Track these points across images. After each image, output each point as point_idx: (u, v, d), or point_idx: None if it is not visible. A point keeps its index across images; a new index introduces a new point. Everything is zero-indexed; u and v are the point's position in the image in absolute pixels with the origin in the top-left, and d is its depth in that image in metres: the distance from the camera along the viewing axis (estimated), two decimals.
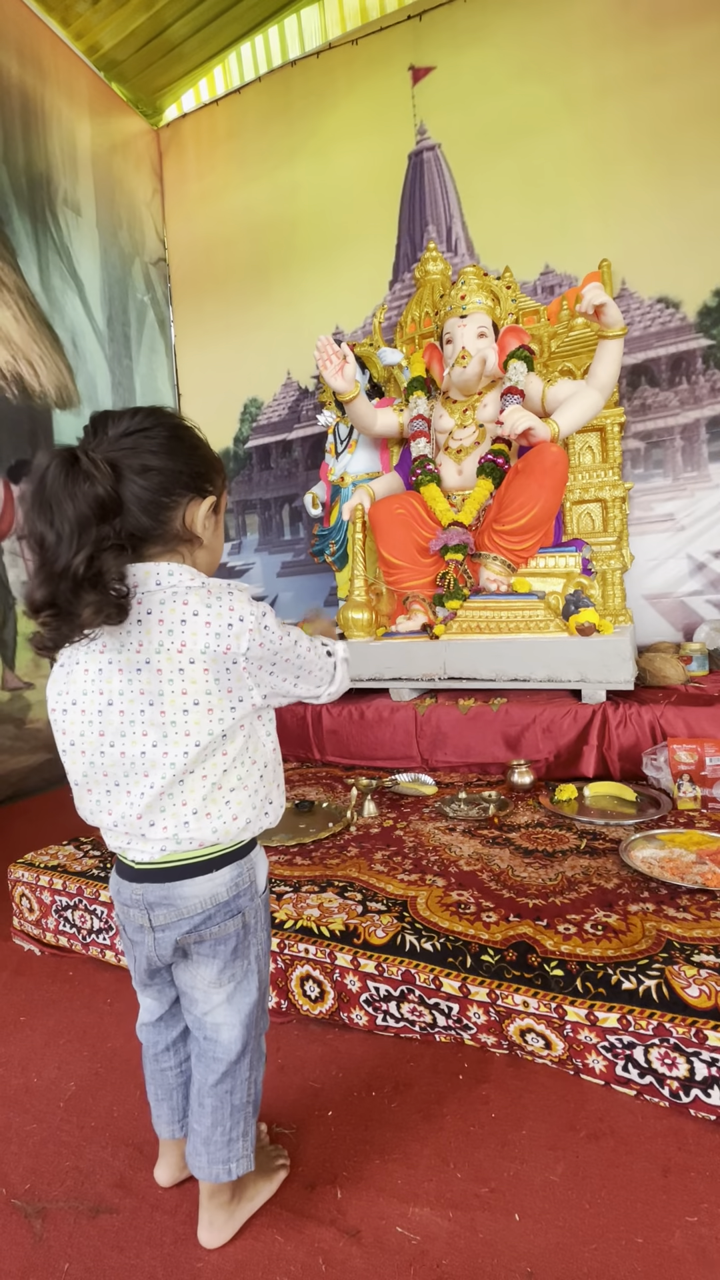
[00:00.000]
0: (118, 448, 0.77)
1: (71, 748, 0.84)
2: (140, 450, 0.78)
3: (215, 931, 0.87)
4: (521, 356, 2.63)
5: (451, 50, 3.50)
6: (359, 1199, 0.98)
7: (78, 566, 0.70)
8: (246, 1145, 0.92)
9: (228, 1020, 0.90)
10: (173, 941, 0.87)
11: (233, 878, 0.87)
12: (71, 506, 0.70)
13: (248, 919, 0.90)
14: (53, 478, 0.70)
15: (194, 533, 0.84)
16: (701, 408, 3.11)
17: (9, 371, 3.25)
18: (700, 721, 2.03)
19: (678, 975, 1.12)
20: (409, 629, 2.60)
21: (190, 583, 0.81)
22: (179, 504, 0.82)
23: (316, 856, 1.71)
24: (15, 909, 1.82)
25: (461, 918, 1.36)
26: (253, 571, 4.28)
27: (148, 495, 0.79)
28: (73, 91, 3.76)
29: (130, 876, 0.87)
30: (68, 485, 0.70)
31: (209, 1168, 0.90)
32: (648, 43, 3.09)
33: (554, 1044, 1.16)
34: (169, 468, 0.80)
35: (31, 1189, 1.04)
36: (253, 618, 0.81)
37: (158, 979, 0.95)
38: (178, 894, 0.85)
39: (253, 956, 0.91)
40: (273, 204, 4.02)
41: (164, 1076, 1.00)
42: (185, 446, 0.83)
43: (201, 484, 0.84)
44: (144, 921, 0.87)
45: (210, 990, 0.90)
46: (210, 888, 0.86)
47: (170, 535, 0.82)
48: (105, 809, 0.85)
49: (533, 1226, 0.92)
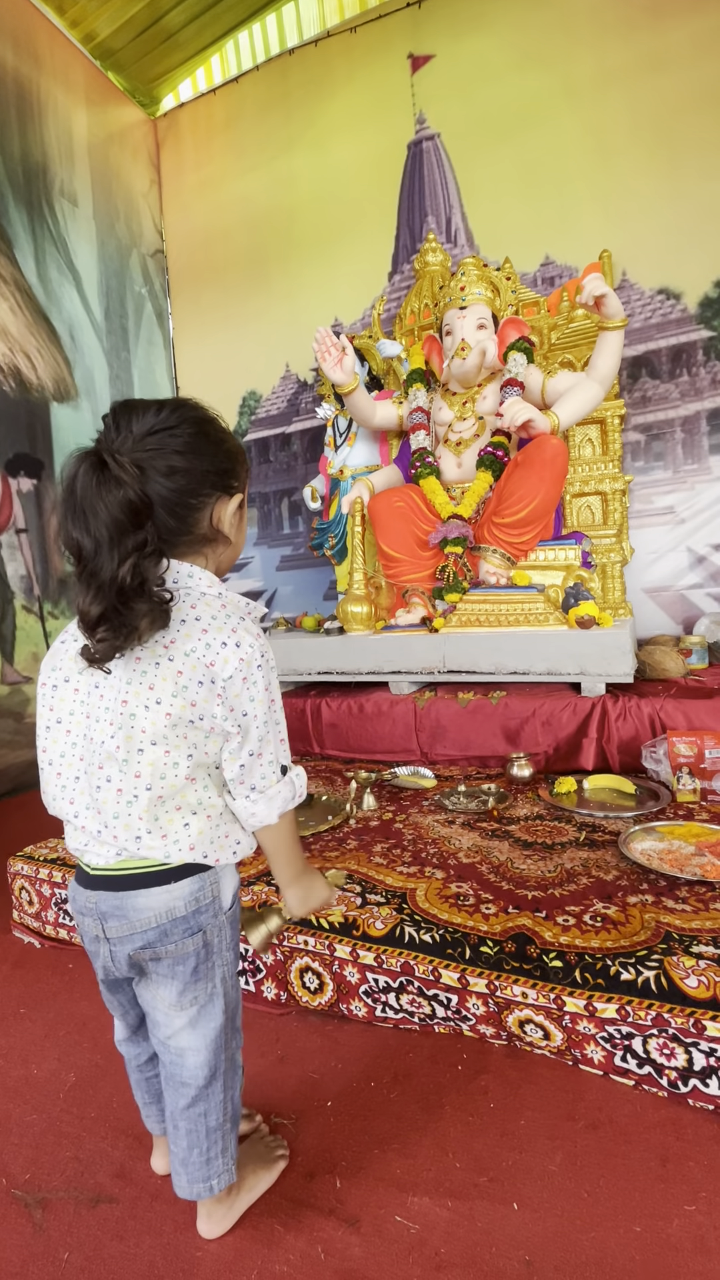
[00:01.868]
0: (143, 448, 0.75)
1: (57, 725, 0.82)
2: (166, 450, 0.76)
3: (172, 950, 0.81)
4: (521, 348, 2.62)
5: (451, 38, 3.47)
6: (358, 1188, 0.98)
7: (124, 576, 0.68)
8: (226, 1161, 0.90)
9: (192, 1045, 0.85)
10: (126, 956, 0.82)
11: (192, 892, 0.81)
12: (106, 512, 0.68)
13: (210, 938, 0.84)
14: (83, 483, 0.68)
15: (221, 531, 0.83)
16: (702, 400, 3.10)
17: (6, 365, 3.23)
18: (699, 714, 2.03)
19: (676, 966, 1.12)
20: (408, 622, 2.60)
21: (206, 590, 0.80)
22: (206, 504, 0.80)
23: (316, 849, 1.71)
24: (15, 902, 1.82)
25: (460, 909, 1.36)
26: (252, 565, 4.28)
27: (174, 497, 0.77)
28: (69, 81, 3.72)
29: (85, 882, 0.83)
30: (99, 490, 0.68)
31: (189, 1187, 0.89)
32: (648, 31, 3.06)
33: (553, 1035, 1.17)
34: (196, 468, 0.78)
35: (32, 1179, 1.04)
36: (250, 649, 0.77)
37: (120, 994, 0.91)
38: (130, 905, 0.80)
39: (218, 979, 0.86)
40: (271, 194, 3.99)
41: (150, 1084, 0.99)
42: (211, 443, 0.80)
43: (228, 481, 0.82)
44: (98, 931, 0.83)
45: (171, 1013, 0.84)
46: (166, 901, 0.80)
47: (197, 536, 0.81)
48: (69, 797, 0.82)
49: (531, 1215, 0.92)
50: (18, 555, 3.23)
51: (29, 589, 3.27)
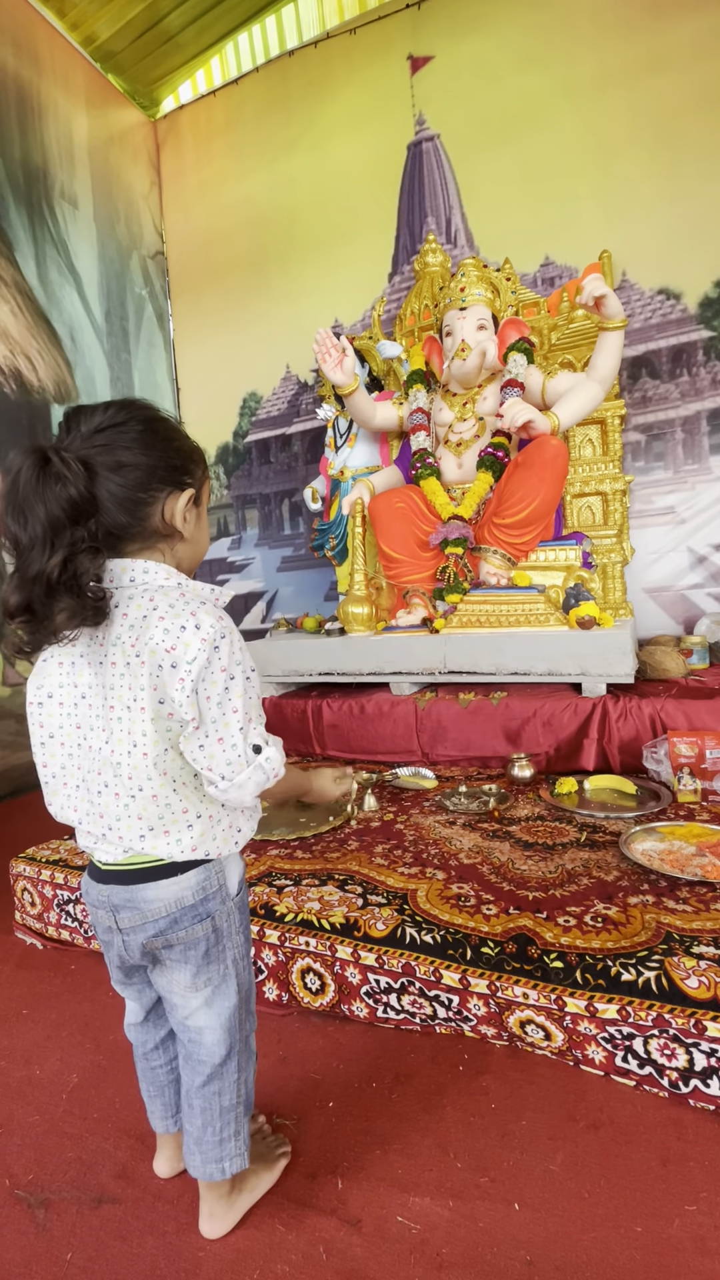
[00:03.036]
0: (90, 445, 0.76)
1: (51, 740, 0.84)
2: (114, 446, 0.77)
3: (183, 936, 0.85)
4: (521, 349, 2.62)
5: (451, 39, 3.47)
6: (360, 1189, 0.98)
7: (52, 570, 0.69)
8: (239, 1144, 0.92)
9: (209, 1024, 0.89)
10: (140, 944, 0.86)
11: (199, 881, 0.85)
12: (43, 508, 0.69)
13: (219, 923, 0.87)
14: (25, 480, 0.70)
15: (174, 527, 0.83)
16: (702, 400, 3.10)
17: (7, 367, 3.24)
18: (700, 714, 2.03)
19: (677, 967, 1.12)
20: (409, 623, 2.60)
21: (164, 582, 0.80)
22: (156, 499, 0.81)
23: (317, 850, 1.71)
24: (17, 903, 1.82)
25: (462, 910, 1.36)
26: (252, 566, 4.28)
27: (123, 492, 0.77)
28: (69, 83, 3.73)
29: (97, 877, 0.87)
30: (39, 487, 0.69)
31: (203, 1167, 0.91)
32: (648, 31, 3.06)
33: (554, 1035, 1.17)
34: (144, 463, 0.78)
35: (34, 1179, 1.04)
36: (210, 630, 0.75)
37: (135, 978, 0.94)
38: (141, 897, 0.84)
39: (229, 960, 0.89)
40: (271, 196, 3.99)
41: (155, 1074, 1.00)
42: (160, 439, 0.81)
43: (179, 476, 0.82)
44: (111, 923, 0.86)
45: (187, 995, 0.88)
46: (175, 891, 0.84)
47: (149, 531, 0.81)
48: (73, 805, 0.85)
49: (532, 1215, 0.92)
50: None
51: None
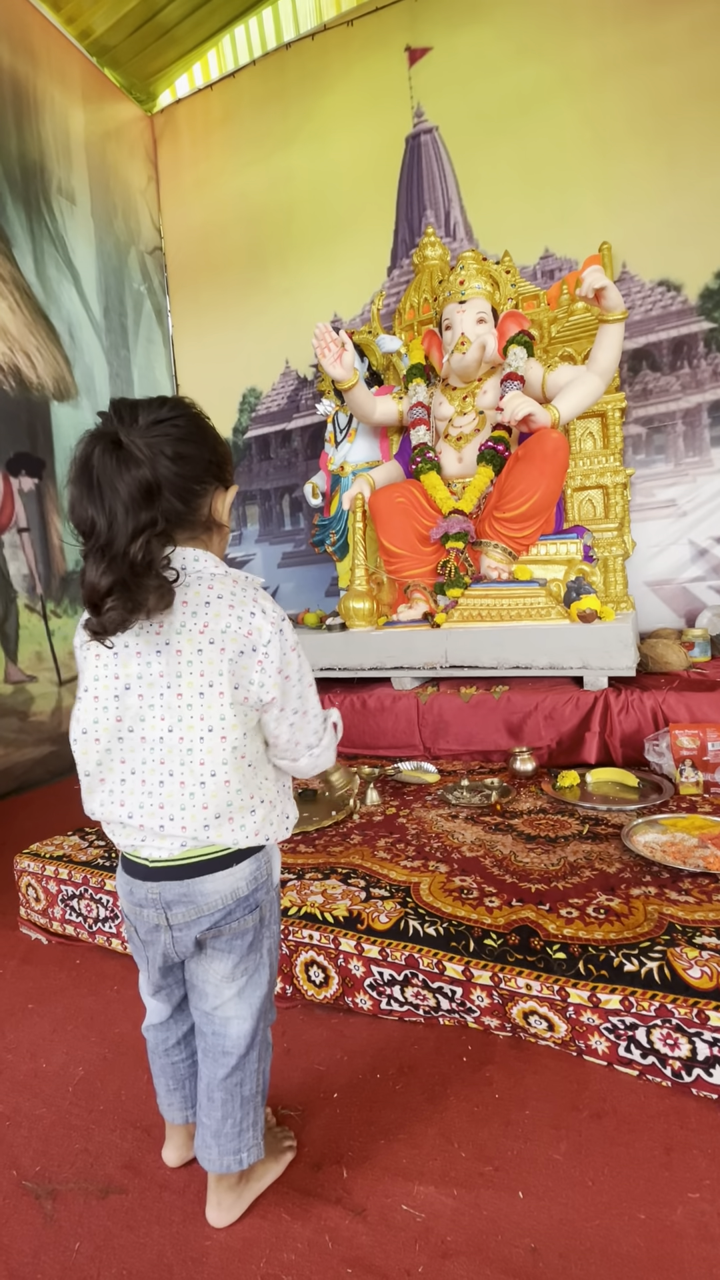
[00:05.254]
0: (151, 434, 0.77)
1: (84, 735, 0.83)
2: (172, 438, 0.79)
3: (234, 927, 0.87)
4: (521, 342, 2.61)
5: (448, 30, 3.45)
6: (365, 1178, 0.99)
7: (136, 552, 0.71)
8: (256, 1134, 0.93)
9: (238, 1014, 0.90)
10: (192, 939, 0.87)
11: (252, 872, 0.88)
12: (125, 489, 0.70)
13: (264, 912, 0.91)
14: (99, 461, 0.71)
15: (219, 520, 0.87)
16: (703, 392, 3.09)
17: (6, 364, 3.24)
18: (702, 707, 2.03)
19: (679, 957, 1.13)
20: (410, 618, 2.60)
21: (215, 570, 0.84)
22: (207, 491, 0.84)
23: (320, 844, 1.72)
24: (22, 898, 1.83)
25: (464, 903, 1.37)
26: (253, 562, 4.28)
27: (181, 482, 0.80)
28: (65, 78, 3.71)
29: (143, 875, 0.86)
30: (117, 468, 0.71)
31: (220, 1159, 0.91)
32: (646, 22, 3.04)
33: (557, 1026, 1.17)
34: (199, 455, 0.81)
35: (42, 1171, 1.05)
36: (275, 615, 0.83)
37: (170, 978, 0.95)
38: (198, 890, 0.85)
39: (265, 950, 0.92)
40: (269, 190, 3.97)
41: (175, 1069, 1.00)
42: (210, 437, 0.85)
43: (224, 473, 0.87)
44: (160, 921, 0.86)
45: (222, 985, 0.90)
46: (231, 883, 0.86)
47: (199, 522, 0.84)
48: (118, 800, 0.84)
49: (536, 1203, 0.93)
50: (20, 554, 3.23)
51: (31, 588, 3.27)
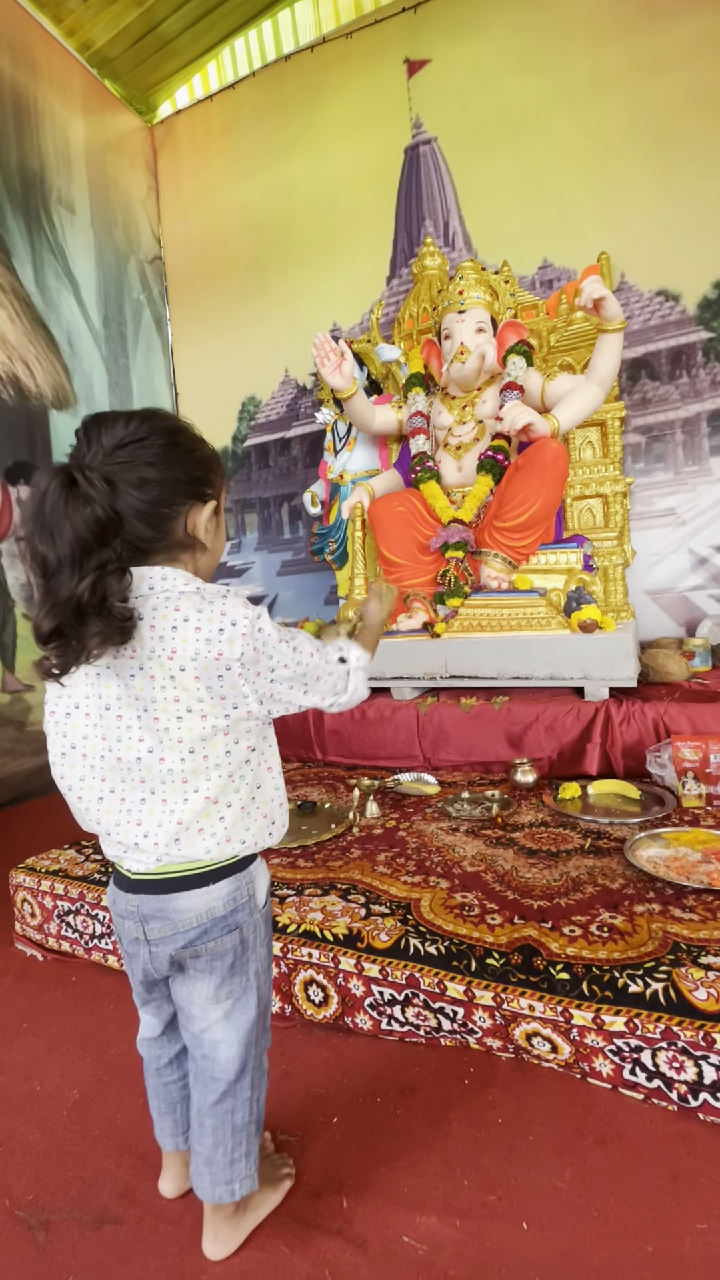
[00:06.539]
0: (113, 461, 0.75)
1: (73, 750, 0.83)
2: (137, 463, 0.76)
3: (212, 947, 0.85)
4: (520, 351, 2.61)
5: (447, 42, 3.47)
6: (365, 1207, 0.97)
7: (82, 593, 0.69)
8: (249, 1165, 0.91)
9: (225, 1038, 0.88)
10: (168, 956, 0.86)
11: (230, 892, 0.85)
12: (70, 529, 0.69)
13: (246, 934, 0.88)
14: (52, 501, 0.69)
15: (196, 538, 0.84)
16: (702, 401, 3.09)
17: (5, 373, 3.23)
18: (704, 718, 2.02)
19: (685, 978, 1.11)
20: (410, 627, 2.59)
21: (184, 588, 0.80)
22: (179, 513, 0.81)
23: (319, 858, 1.70)
24: (17, 914, 1.81)
25: (466, 920, 1.35)
26: (252, 571, 4.27)
27: (147, 508, 0.77)
28: (66, 89, 3.73)
29: (126, 887, 0.86)
30: (67, 508, 0.69)
31: (212, 1189, 0.89)
32: (644, 34, 3.06)
33: (560, 1048, 1.15)
34: (167, 478, 0.78)
35: (35, 1199, 1.03)
36: (246, 621, 0.78)
37: (156, 993, 0.94)
38: (173, 907, 0.84)
39: (251, 973, 0.89)
40: (268, 200, 3.99)
41: (167, 1090, 0.98)
42: (182, 453, 0.81)
43: (201, 489, 0.83)
44: (139, 934, 0.86)
45: (207, 1006, 0.88)
46: (206, 901, 0.84)
47: (173, 543, 0.82)
48: (95, 816, 0.84)
49: (540, 1235, 0.91)
50: (18, 563, 3.22)
51: (29, 597, 3.26)
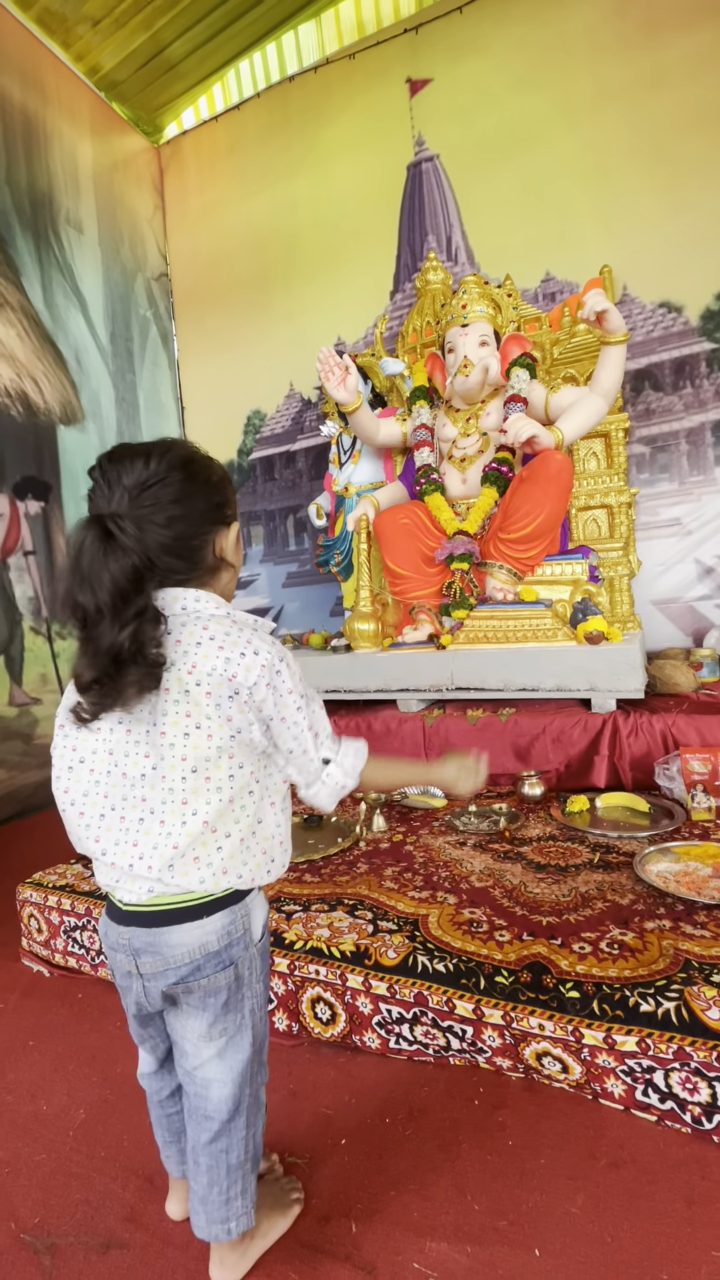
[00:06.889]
0: (139, 505, 0.77)
1: (80, 765, 0.83)
2: (162, 503, 0.78)
3: (205, 983, 0.82)
4: (524, 364, 2.63)
5: (448, 62, 3.52)
6: (374, 1233, 0.95)
7: (123, 643, 0.71)
8: (246, 1202, 0.89)
9: (219, 1076, 0.85)
10: (160, 991, 0.83)
11: (224, 925, 0.83)
12: (110, 580, 0.71)
13: (241, 970, 0.85)
14: (90, 553, 0.71)
15: (225, 560, 0.86)
16: (706, 411, 3.09)
17: (14, 389, 3.27)
18: (713, 730, 2.00)
19: (697, 997, 1.09)
20: (415, 639, 2.59)
21: (215, 611, 0.82)
22: (207, 541, 0.83)
23: (326, 873, 1.69)
24: (24, 929, 1.80)
25: (474, 937, 1.34)
26: (258, 583, 4.28)
27: (177, 544, 0.80)
28: (74, 112, 3.80)
29: (118, 918, 0.84)
30: (107, 560, 0.71)
31: (207, 1227, 0.88)
32: (644, 50, 3.09)
33: (571, 1068, 1.14)
34: (193, 511, 0.81)
35: (41, 1223, 1.02)
36: (268, 655, 0.79)
37: (151, 1028, 0.91)
38: (164, 941, 0.81)
39: (246, 1010, 0.86)
40: (273, 218, 4.04)
41: (170, 1121, 0.97)
42: (200, 483, 0.82)
43: (223, 512, 0.85)
44: (131, 968, 0.83)
45: (200, 1044, 0.85)
46: (199, 936, 0.81)
47: (205, 569, 0.84)
48: (93, 835, 0.82)
49: (553, 1262, 0.89)
50: (25, 577, 3.24)
51: (37, 610, 3.28)
